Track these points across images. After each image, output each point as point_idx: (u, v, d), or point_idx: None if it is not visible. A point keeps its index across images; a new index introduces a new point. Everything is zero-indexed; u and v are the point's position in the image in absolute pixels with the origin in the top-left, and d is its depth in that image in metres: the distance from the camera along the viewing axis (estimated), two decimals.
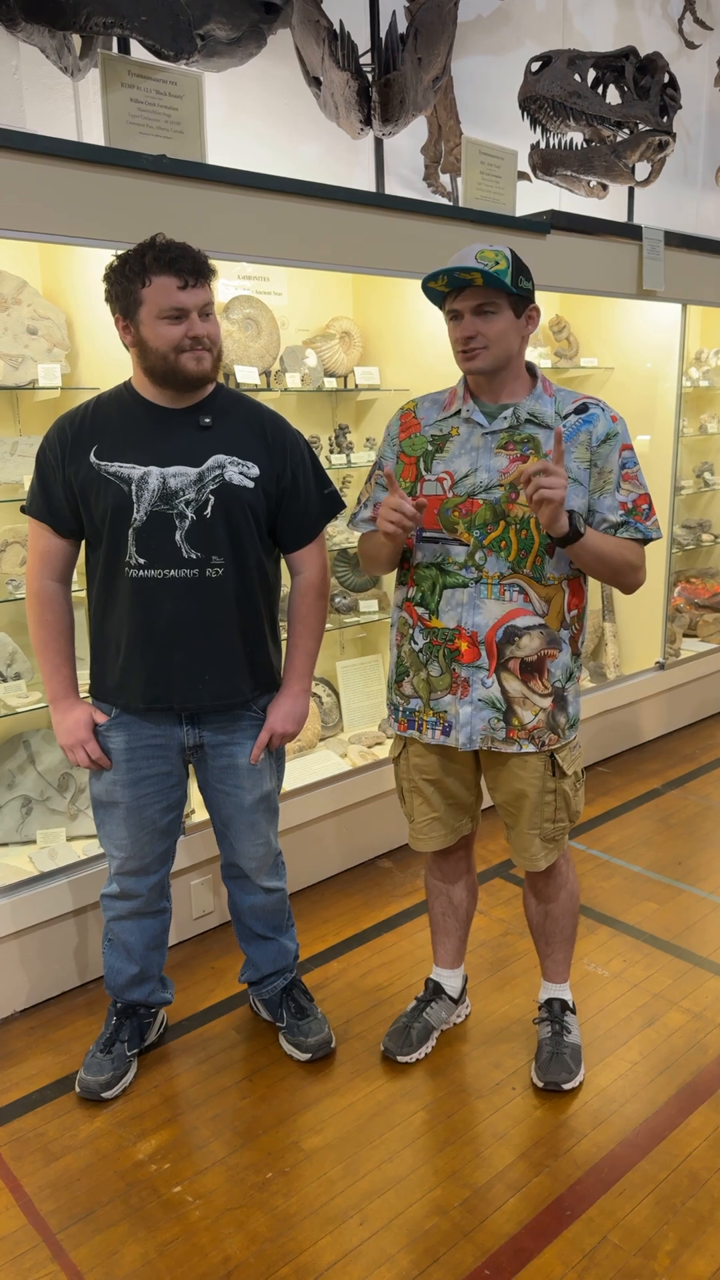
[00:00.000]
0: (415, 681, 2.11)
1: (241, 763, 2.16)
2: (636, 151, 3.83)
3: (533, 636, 2.00)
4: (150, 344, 1.94)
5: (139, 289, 1.91)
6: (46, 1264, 1.82)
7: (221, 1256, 1.83)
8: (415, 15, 3.18)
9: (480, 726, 2.05)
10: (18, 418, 2.86)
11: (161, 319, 1.92)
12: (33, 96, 2.96)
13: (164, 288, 1.91)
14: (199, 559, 2.00)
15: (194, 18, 2.55)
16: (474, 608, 2.00)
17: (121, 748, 2.11)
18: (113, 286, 1.95)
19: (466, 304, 1.92)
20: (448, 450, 2.02)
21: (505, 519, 1.96)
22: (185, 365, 1.95)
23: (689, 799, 3.84)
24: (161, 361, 1.94)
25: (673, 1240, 1.84)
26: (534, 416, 1.97)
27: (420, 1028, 2.37)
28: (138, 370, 2.02)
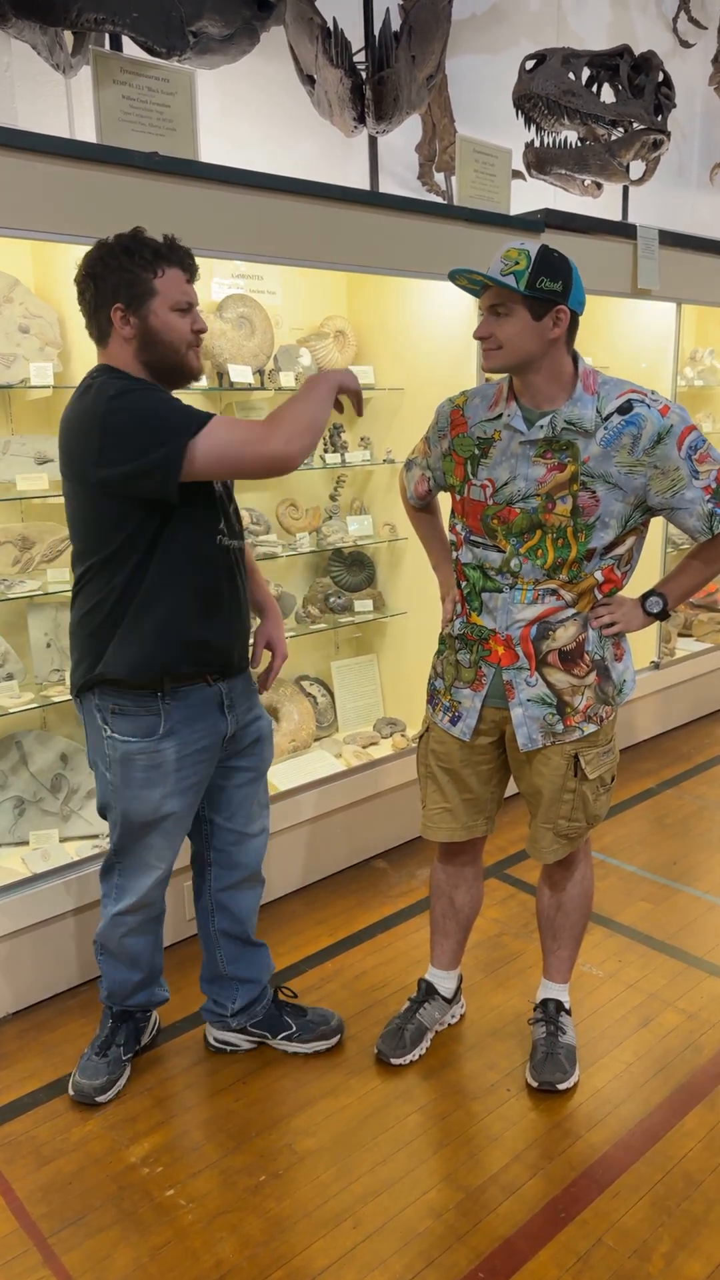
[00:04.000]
0: (445, 662, 2.16)
1: (265, 730, 2.22)
2: (631, 150, 3.82)
3: (566, 626, 2.01)
4: (162, 335, 1.90)
5: (151, 278, 1.88)
6: (38, 1268, 1.81)
7: (214, 1260, 1.82)
8: (409, 13, 3.18)
9: (538, 725, 2.05)
10: (9, 417, 2.85)
11: (175, 311, 1.90)
12: (24, 93, 2.94)
13: (176, 280, 1.90)
14: (240, 530, 2.09)
15: (186, 14, 2.54)
16: (507, 612, 2.02)
17: (173, 758, 2.03)
18: (115, 275, 1.87)
19: (485, 302, 1.91)
20: (491, 456, 2.01)
21: (542, 528, 1.96)
22: (191, 360, 1.95)
23: (684, 799, 3.83)
24: (171, 354, 1.92)
25: (668, 1242, 1.83)
26: (572, 424, 1.91)
27: (414, 1029, 2.36)
28: (128, 361, 1.92)
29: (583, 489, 1.92)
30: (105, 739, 2.03)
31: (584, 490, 1.92)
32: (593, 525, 1.94)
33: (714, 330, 5.09)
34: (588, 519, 1.94)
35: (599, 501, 1.93)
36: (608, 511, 1.94)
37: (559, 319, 1.89)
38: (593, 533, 1.95)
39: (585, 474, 1.92)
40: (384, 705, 3.84)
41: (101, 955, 2.26)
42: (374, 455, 3.57)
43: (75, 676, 2.06)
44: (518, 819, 3.63)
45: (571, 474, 1.92)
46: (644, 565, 4.32)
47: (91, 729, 2.07)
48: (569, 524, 1.94)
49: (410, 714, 3.73)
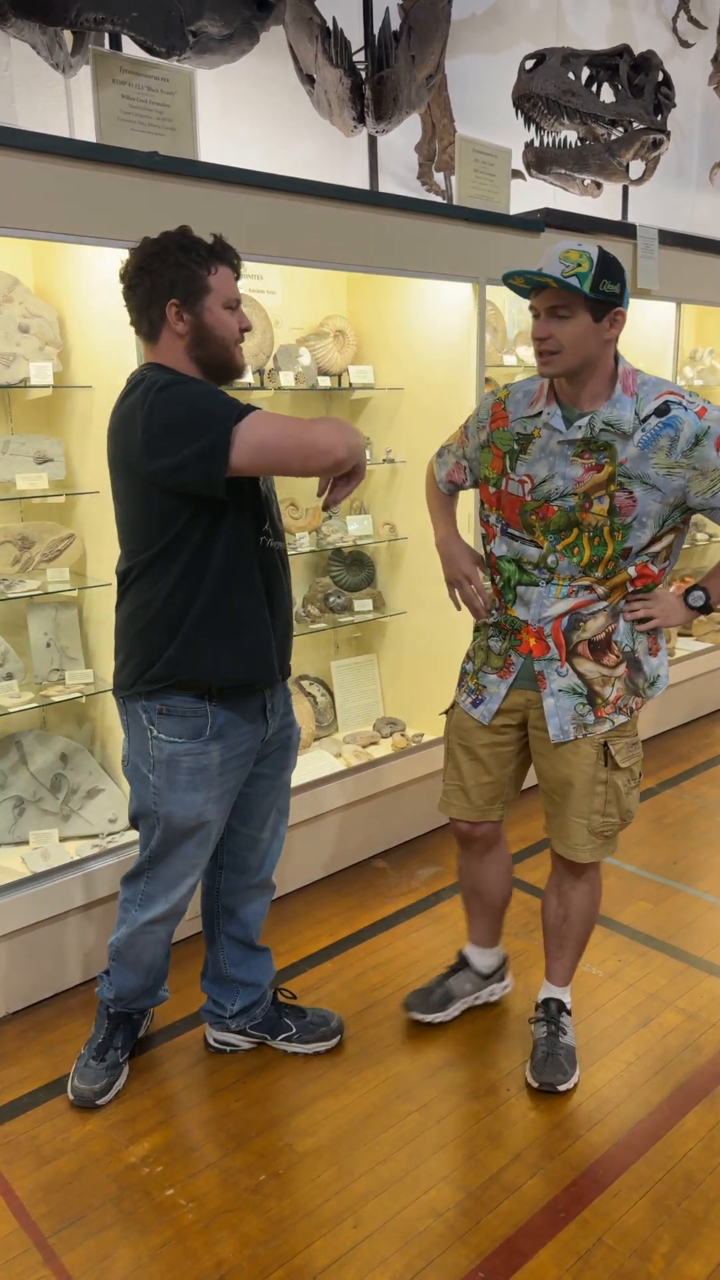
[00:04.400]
0: (477, 645, 2.21)
1: (295, 736, 2.23)
2: (631, 150, 3.82)
3: (596, 617, 2.04)
4: (215, 331, 1.91)
5: (206, 275, 1.89)
6: (38, 1268, 1.81)
7: (214, 1260, 1.82)
8: (409, 13, 3.18)
9: (569, 715, 2.07)
10: (9, 416, 2.85)
11: (225, 308, 1.92)
12: (24, 93, 2.94)
13: (227, 278, 1.92)
14: (281, 531, 2.07)
15: (186, 14, 2.54)
16: (541, 605, 2.05)
17: (217, 762, 2.02)
18: (172, 270, 1.87)
19: (543, 304, 1.91)
20: (530, 452, 2.03)
21: (579, 526, 1.98)
22: (238, 357, 1.97)
23: (684, 798, 3.83)
24: (223, 351, 1.93)
25: (668, 1242, 1.83)
26: (610, 425, 1.93)
27: (441, 993, 2.43)
28: (179, 358, 1.92)
29: (620, 489, 1.94)
30: (151, 740, 2.00)
31: (621, 491, 1.94)
32: (629, 525, 1.96)
33: (714, 330, 5.09)
34: (624, 519, 1.96)
35: (636, 502, 1.94)
36: (645, 511, 1.95)
37: (615, 320, 1.92)
38: (629, 532, 1.97)
39: (623, 475, 1.93)
40: (384, 705, 3.84)
41: (115, 961, 2.22)
42: (373, 455, 3.57)
43: (120, 676, 2.04)
44: (519, 818, 3.63)
45: (609, 474, 1.94)
46: None
47: (135, 729, 2.03)
48: (605, 523, 1.96)
49: (410, 714, 3.73)
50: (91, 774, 2.98)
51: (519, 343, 4.07)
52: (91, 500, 2.86)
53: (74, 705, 3.06)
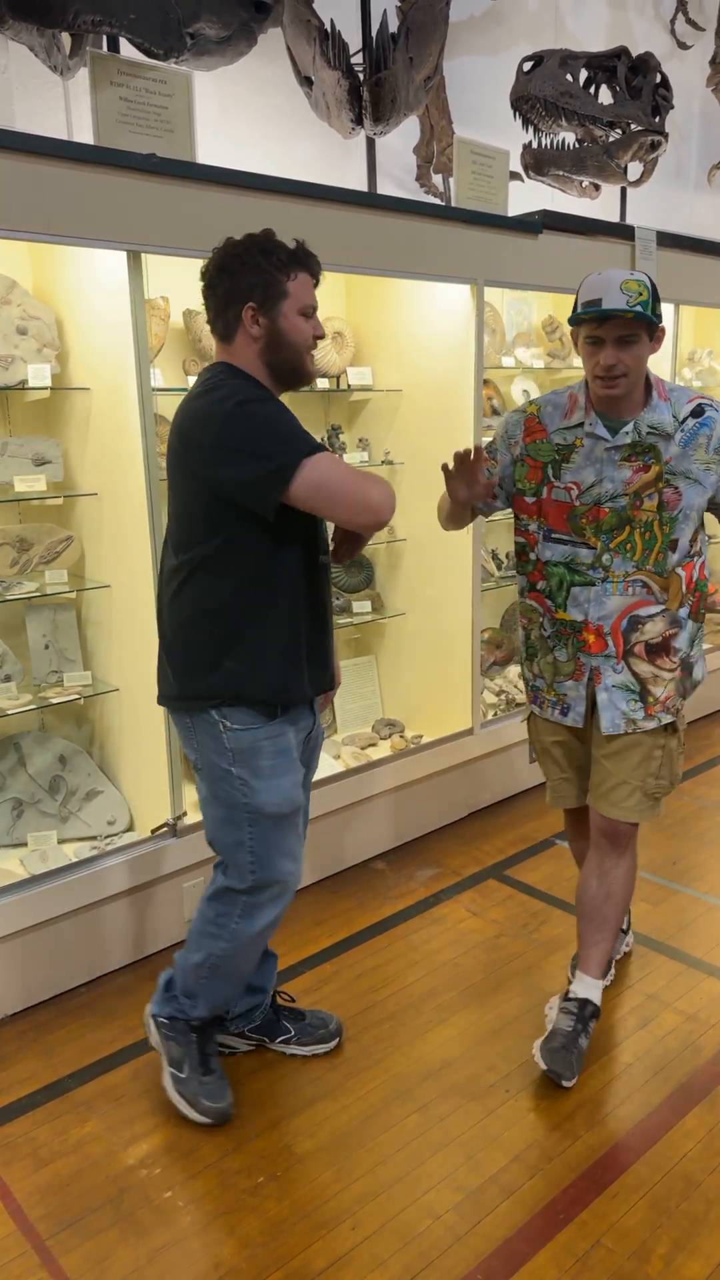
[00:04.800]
0: (541, 664, 2.31)
1: (320, 738, 2.23)
2: (629, 151, 3.83)
3: (655, 621, 2.17)
4: (289, 337, 1.92)
5: (285, 280, 1.89)
6: (36, 1270, 1.81)
7: (213, 1262, 1.81)
8: (407, 15, 3.18)
9: (621, 710, 2.21)
10: (8, 418, 2.85)
11: (301, 315, 1.92)
12: (22, 95, 2.94)
13: (306, 284, 1.93)
14: (328, 548, 2.09)
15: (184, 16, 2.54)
16: (599, 603, 2.17)
17: (293, 743, 2.05)
18: (251, 273, 1.88)
19: (611, 333, 2.00)
20: (573, 461, 2.15)
21: (630, 524, 2.12)
22: (309, 364, 1.98)
23: (683, 799, 3.83)
24: (295, 357, 1.94)
25: (667, 1243, 1.83)
26: (654, 429, 2.09)
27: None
28: (251, 361, 1.93)
29: (667, 485, 2.11)
30: (226, 733, 1.98)
31: (668, 487, 2.11)
32: (676, 518, 2.13)
33: (712, 331, 5.09)
34: (672, 512, 2.12)
35: (681, 496, 2.11)
36: (689, 505, 2.12)
37: (658, 337, 2.07)
38: (676, 525, 2.13)
39: (669, 472, 2.10)
40: (382, 706, 3.84)
41: (210, 979, 2.13)
42: (372, 456, 3.57)
43: (175, 685, 2.02)
44: (519, 819, 3.63)
45: (657, 474, 2.10)
46: None
47: (202, 729, 2.00)
48: (655, 518, 2.12)
49: (409, 715, 3.73)
50: (90, 775, 2.98)
51: (517, 344, 4.07)
52: (90, 502, 2.86)
53: (72, 707, 3.06)
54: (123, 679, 2.90)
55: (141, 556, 2.68)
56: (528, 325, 4.26)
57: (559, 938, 2.85)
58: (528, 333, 4.21)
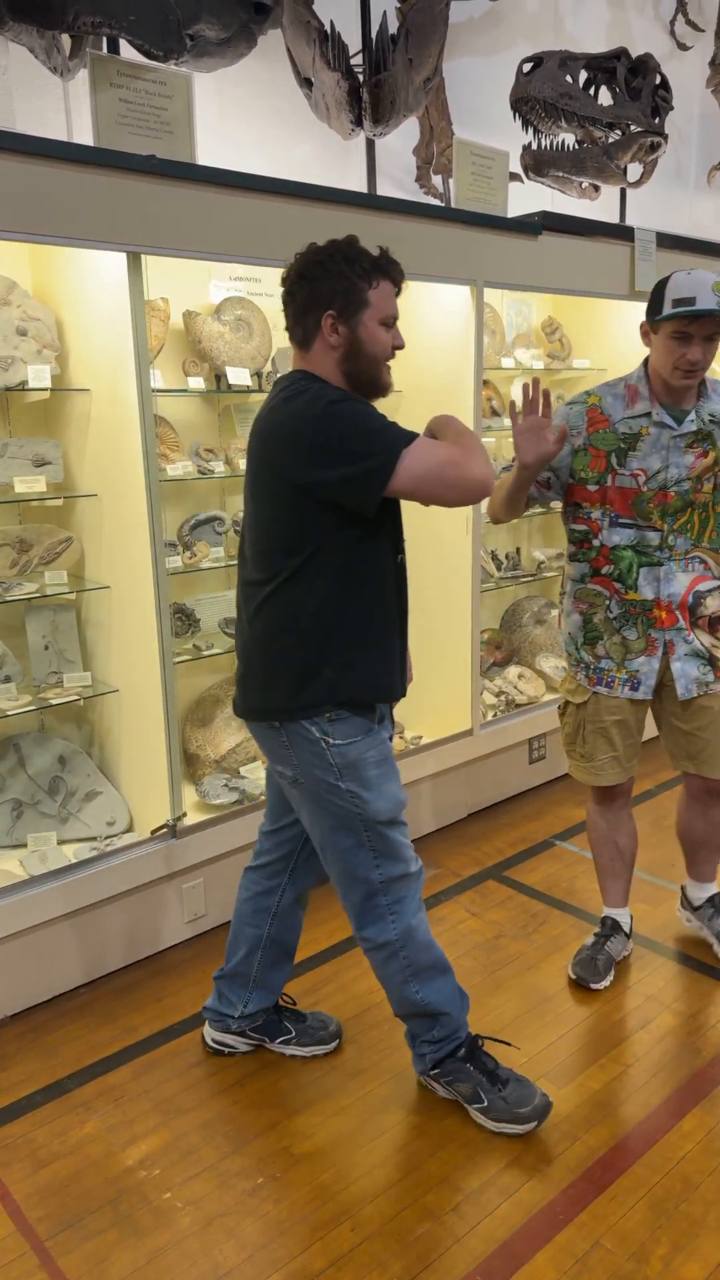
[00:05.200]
0: (608, 645, 2.44)
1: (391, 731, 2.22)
2: (628, 153, 3.83)
3: (714, 597, 2.40)
4: (367, 347, 1.90)
5: (366, 289, 1.87)
6: (35, 1272, 1.81)
7: (211, 1264, 1.82)
8: (406, 16, 3.18)
9: (694, 676, 2.41)
10: (7, 419, 2.85)
11: (381, 325, 1.90)
12: (22, 96, 2.95)
13: (387, 293, 1.90)
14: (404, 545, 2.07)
15: (184, 18, 2.54)
16: (668, 580, 2.37)
17: (390, 748, 2.06)
18: (333, 280, 1.86)
19: (700, 331, 2.19)
20: (639, 449, 2.32)
21: (692, 506, 2.34)
22: (386, 375, 1.96)
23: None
24: (371, 367, 1.92)
25: (666, 1244, 1.83)
26: (714, 416, 2.32)
27: (604, 959, 2.62)
28: (329, 369, 1.93)
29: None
30: (329, 749, 1.96)
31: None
32: None
33: None
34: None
35: None
36: None
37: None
38: None
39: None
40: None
41: (418, 984, 2.09)
42: None
43: (263, 698, 1.99)
44: (518, 819, 3.63)
45: (714, 458, 2.33)
46: None
47: (302, 747, 1.98)
48: (710, 499, 2.36)
49: (407, 715, 3.73)
50: (89, 776, 2.98)
51: (517, 345, 4.07)
52: (90, 503, 2.86)
53: (72, 708, 3.07)
54: (122, 680, 2.90)
55: (141, 557, 2.69)
56: (527, 326, 4.26)
57: (559, 938, 2.85)
58: (527, 334, 4.21)
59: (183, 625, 3.16)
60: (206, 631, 3.28)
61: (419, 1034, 2.16)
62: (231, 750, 3.21)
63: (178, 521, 3.20)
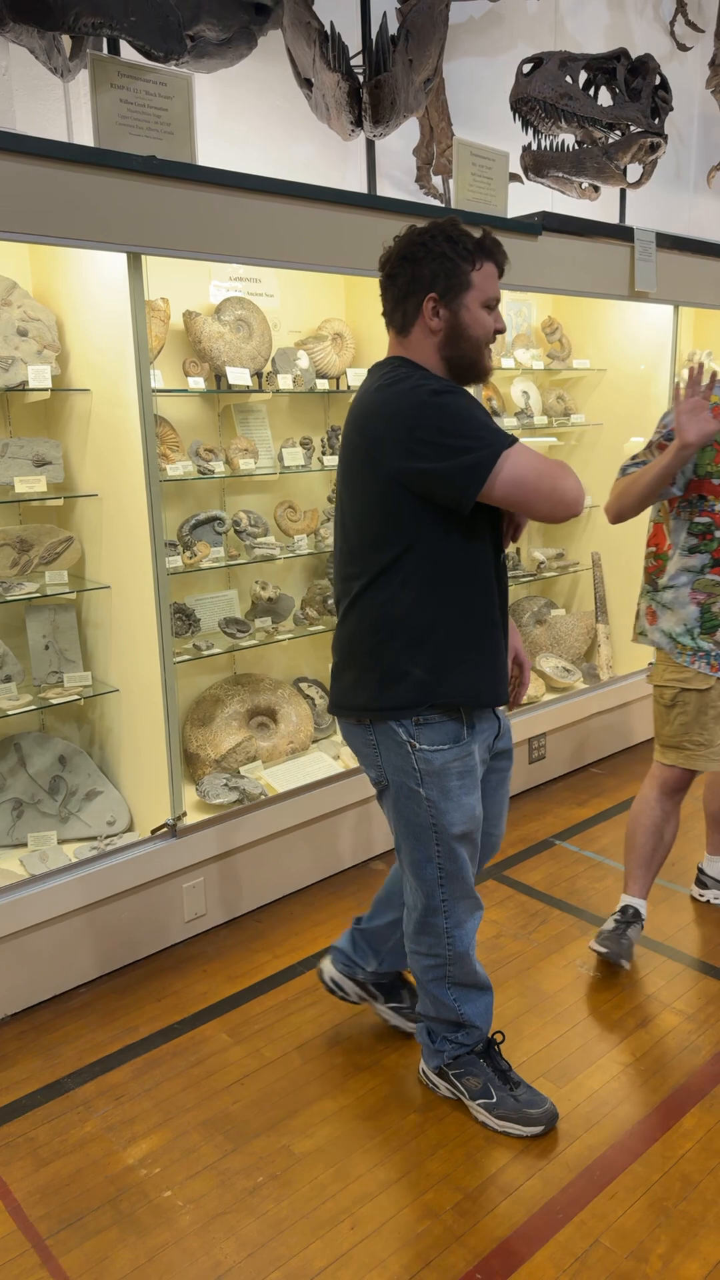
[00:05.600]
0: None
1: (509, 745, 2.17)
2: (628, 153, 3.83)
3: None
4: (470, 330, 1.85)
5: (469, 271, 1.83)
6: (36, 1270, 1.81)
7: (212, 1262, 1.82)
8: (406, 17, 3.19)
9: None
10: (8, 419, 2.85)
11: (483, 307, 1.86)
12: (23, 97, 2.95)
13: (491, 275, 1.86)
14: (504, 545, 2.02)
15: (184, 19, 2.55)
16: None
17: (477, 761, 1.99)
18: (435, 262, 1.82)
19: None
20: None
21: None
22: (486, 360, 1.91)
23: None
24: (474, 350, 1.87)
25: (665, 1243, 1.84)
26: None
27: (626, 943, 2.66)
28: (428, 355, 1.88)
29: None
30: (415, 754, 1.93)
31: None
32: None
33: (711, 332, 5.10)
34: None
35: None
36: None
37: None
38: None
39: None
40: None
41: (458, 999, 2.11)
42: None
43: (353, 695, 1.97)
44: (517, 820, 3.64)
45: None
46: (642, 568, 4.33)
47: (389, 747, 1.95)
48: None
49: None
50: (90, 776, 2.99)
51: (517, 345, 4.07)
52: (90, 503, 2.87)
53: (72, 707, 3.07)
54: (123, 680, 2.91)
55: (142, 557, 2.69)
56: (527, 327, 4.27)
57: (558, 937, 2.86)
58: (527, 334, 4.22)
59: (183, 625, 3.16)
60: (207, 631, 3.28)
61: (443, 1033, 2.17)
62: (231, 750, 3.21)
63: (178, 521, 3.21)
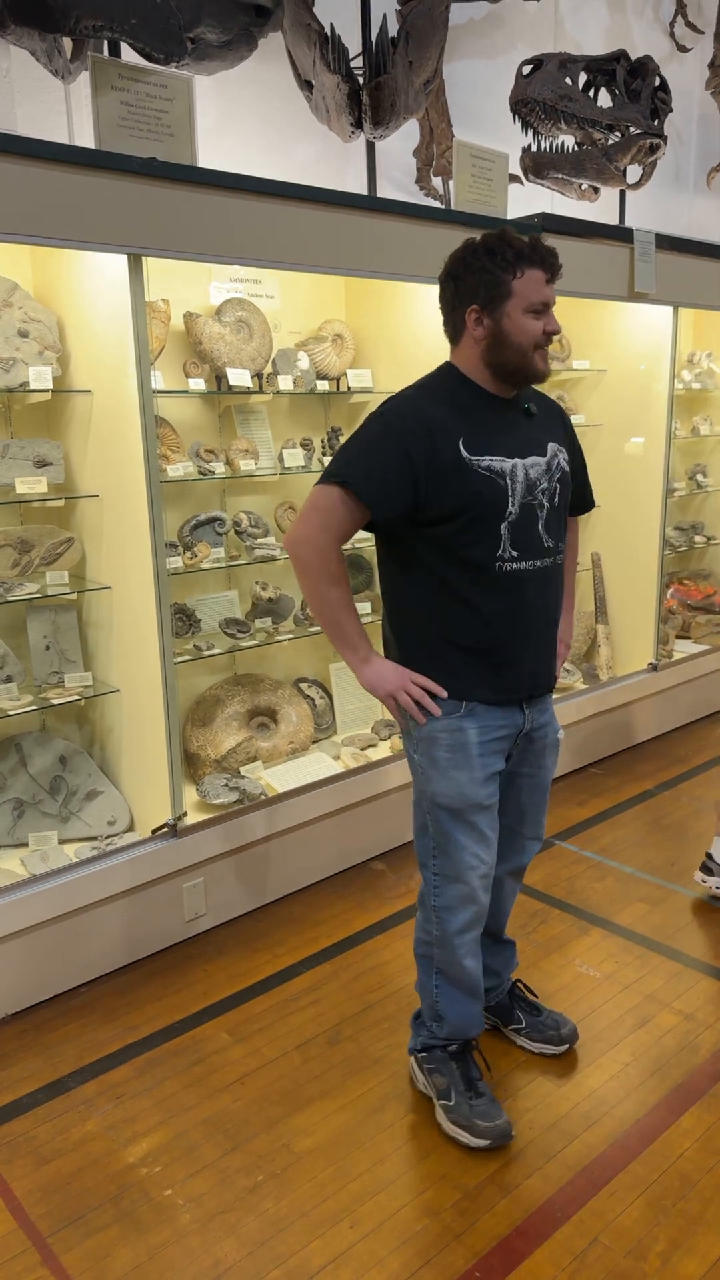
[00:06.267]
0: None
1: (552, 739, 2.20)
2: (628, 154, 3.84)
3: None
4: (512, 337, 1.90)
5: (510, 280, 1.88)
6: (37, 1268, 1.82)
7: (212, 1260, 1.82)
8: (406, 18, 3.19)
9: None
10: (9, 420, 2.86)
11: (528, 313, 1.90)
12: (24, 99, 2.96)
13: (535, 281, 1.89)
14: (552, 547, 2.03)
15: (184, 21, 2.55)
16: None
17: (475, 740, 2.01)
18: (475, 275, 1.90)
19: None
20: None
21: None
22: (537, 363, 1.94)
23: (681, 800, 3.84)
24: (519, 356, 1.92)
25: (663, 1241, 1.84)
26: None
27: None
28: (473, 362, 1.96)
29: None
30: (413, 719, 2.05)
31: None
32: None
33: (711, 333, 5.10)
34: None
35: None
36: None
37: None
38: None
39: None
40: (381, 708, 3.84)
41: (438, 986, 2.15)
42: None
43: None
44: None
45: None
46: (640, 567, 4.33)
47: (402, 712, 2.07)
48: None
49: None
50: (90, 776, 2.99)
51: None
52: (91, 504, 2.87)
53: (73, 707, 3.08)
54: (123, 680, 2.91)
55: (142, 558, 2.70)
56: None
57: (558, 937, 2.86)
58: None
59: (183, 625, 3.17)
60: (207, 632, 3.29)
61: (425, 1016, 2.21)
62: (231, 750, 3.22)
63: (178, 522, 3.21)
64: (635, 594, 4.41)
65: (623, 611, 4.48)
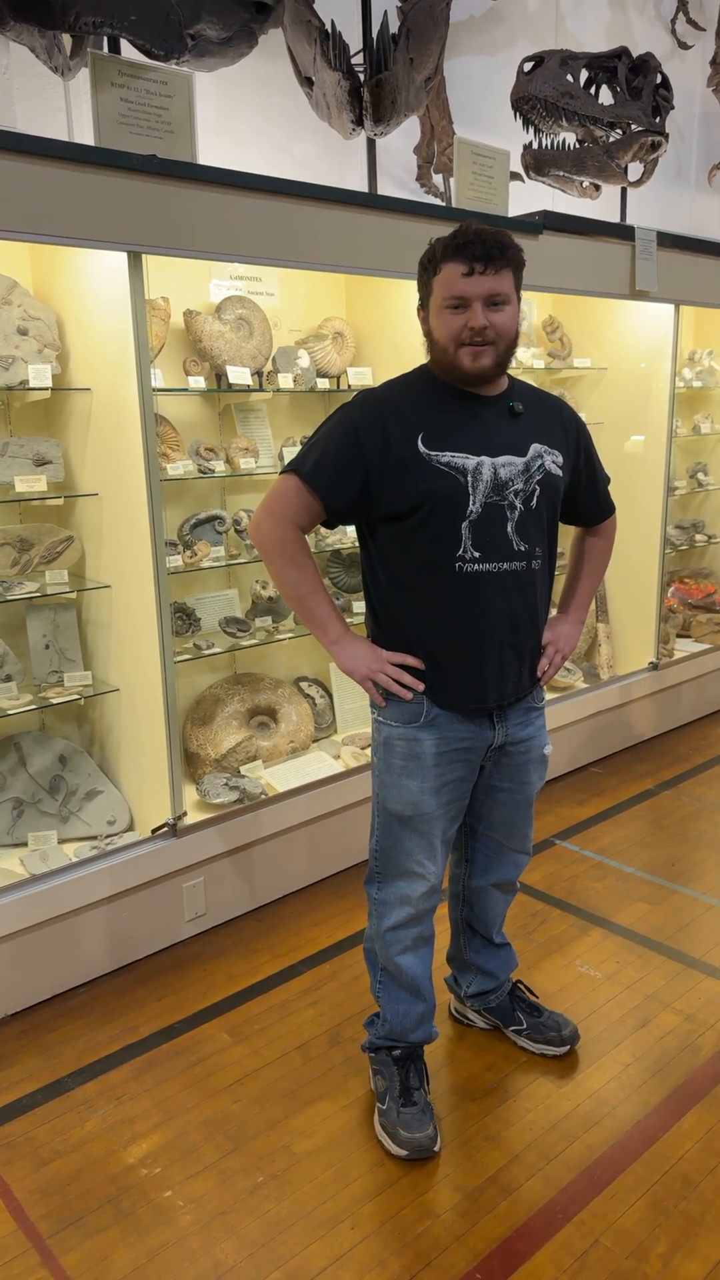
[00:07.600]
0: None
1: (535, 755, 2.15)
2: (629, 152, 3.82)
3: None
4: (434, 335, 1.90)
5: (430, 278, 1.89)
6: (36, 1269, 1.81)
7: (212, 1261, 1.82)
8: (407, 15, 3.18)
9: None
10: (8, 418, 2.85)
11: (444, 309, 1.86)
12: (23, 96, 2.95)
13: (450, 275, 1.83)
14: (525, 551, 1.95)
15: (184, 17, 2.54)
16: None
17: (431, 751, 1.99)
18: (419, 276, 1.94)
19: None
20: None
21: None
22: (461, 361, 1.88)
23: (682, 799, 3.84)
24: (442, 355, 1.91)
25: (665, 1243, 1.84)
26: None
27: None
28: (433, 363, 1.98)
29: None
30: (376, 722, 2.07)
31: None
32: None
33: (712, 331, 5.09)
34: None
35: None
36: None
37: None
38: None
39: None
40: None
41: (381, 982, 2.17)
42: None
43: None
44: None
45: None
46: (639, 567, 4.33)
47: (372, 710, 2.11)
48: None
49: None
50: (90, 775, 2.99)
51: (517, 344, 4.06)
52: (90, 502, 2.86)
53: (73, 707, 3.07)
54: (123, 679, 2.90)
55: (142, 556, 2.69)
56: (528, 325, 4.26)
57: (558, 937, 2.86)
58: (528, 333, 4.21)
59: (183, 624, 3.16)
60: (207, 631, 3.28)
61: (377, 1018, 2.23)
62: (232, 749, 3.21)
63: (178, 521, 3.20)
64: (636, 592, 4.40)
65: (623, 610, 4.47)
